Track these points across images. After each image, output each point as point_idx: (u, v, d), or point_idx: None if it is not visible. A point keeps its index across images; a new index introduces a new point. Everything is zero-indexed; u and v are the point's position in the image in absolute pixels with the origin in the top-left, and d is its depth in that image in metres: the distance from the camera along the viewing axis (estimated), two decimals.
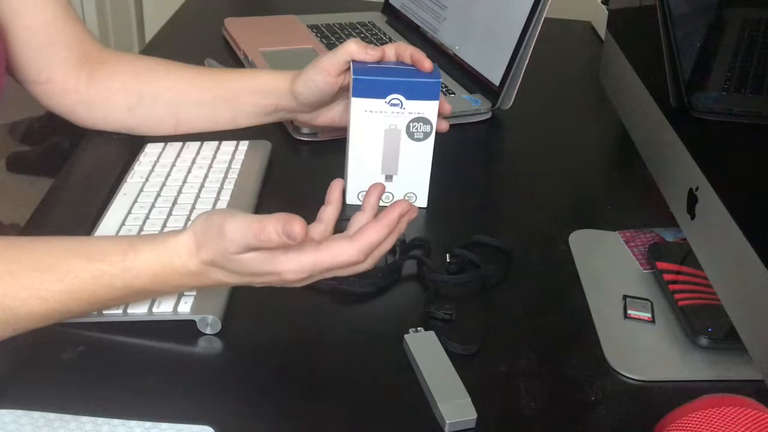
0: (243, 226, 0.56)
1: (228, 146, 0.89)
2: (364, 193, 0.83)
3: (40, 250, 0.59)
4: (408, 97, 0.78)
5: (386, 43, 1.19)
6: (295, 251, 0.58)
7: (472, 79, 1.07)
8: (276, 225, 0.54)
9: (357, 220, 0.63)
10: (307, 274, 0.59)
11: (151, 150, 0.87)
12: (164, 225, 0.75)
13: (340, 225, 0.83)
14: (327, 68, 0.81)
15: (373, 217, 0.63)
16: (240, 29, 1.20)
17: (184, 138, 0.89)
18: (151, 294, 0.63)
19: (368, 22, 1.27)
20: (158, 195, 0.80)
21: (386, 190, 0.83)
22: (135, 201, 0.78)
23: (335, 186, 0.66)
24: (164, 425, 0.57)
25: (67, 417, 0.57)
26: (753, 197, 0.58)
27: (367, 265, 0.61)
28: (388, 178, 0.83)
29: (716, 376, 0.66)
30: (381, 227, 0.60)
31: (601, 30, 1.27)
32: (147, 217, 0.76)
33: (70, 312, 0.59)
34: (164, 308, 0.65)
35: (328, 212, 0.64)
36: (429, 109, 0.79)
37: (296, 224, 0.54)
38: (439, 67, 0.80)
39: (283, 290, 0.71)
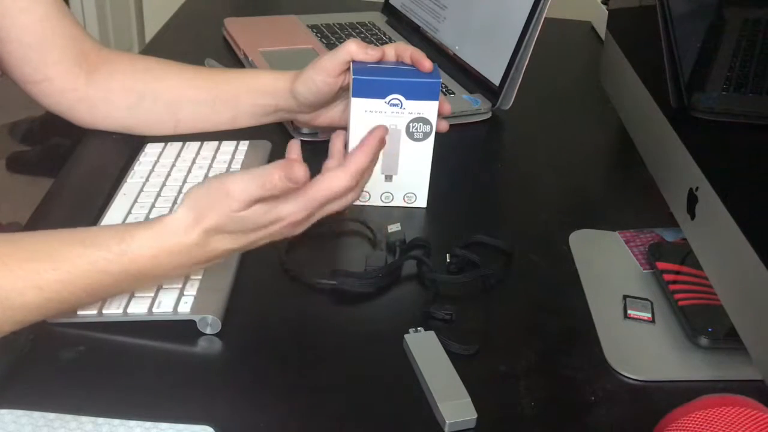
0: (247, 182, 0.58)
1: (228, 146, 0.89)
2: (364, 193, 0.84)
3: (35, 241, 0.59)
4: (408, 97, 0.78)
5: (386, 43, 1.19)
6: (292, 193, 0.60)
7: (472, 79, 1.07)
8: (279, 172, 0.57)
9: (328, 166, 0.66)
10: (308, 211, 0.61)
11: (151, 150, 0.87)
12: None
13: (341, 225, 0.83)
14: (327, 68, 0.81)
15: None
16: (240, 29, 1.20)
17: (184, 138, 0.89)
18: (149, 279, 0.62)
19: (368, 22, 1.27)
20: (158, 195, 0.80)
21: (386, 190, 0.83)
22: (135, 201, 0.78)
23: (292, 146, 0.67)
24: (164, 425, 0.57)
25: (67, 417, 0.57)
26: (753, 197, 0.58)
27: (356, 193, 0.65)
28: (388, 178, 0.83)
29: (716, 376, 0.66)
30: (366, 150, 0.64)
31: (601, 30, 1.27)
32: (147, 217, 0.76)
33: (67, 302, 0.59)
34: (164, 308, 0.65)
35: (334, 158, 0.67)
36: (429, 109, 0.79)
37: (297, 166, 0.58)
38: (439, 67, 0.80)
39: (283, 289, 0.72)
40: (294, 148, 0.66)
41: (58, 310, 0.60)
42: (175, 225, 0.59)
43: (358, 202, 0.84)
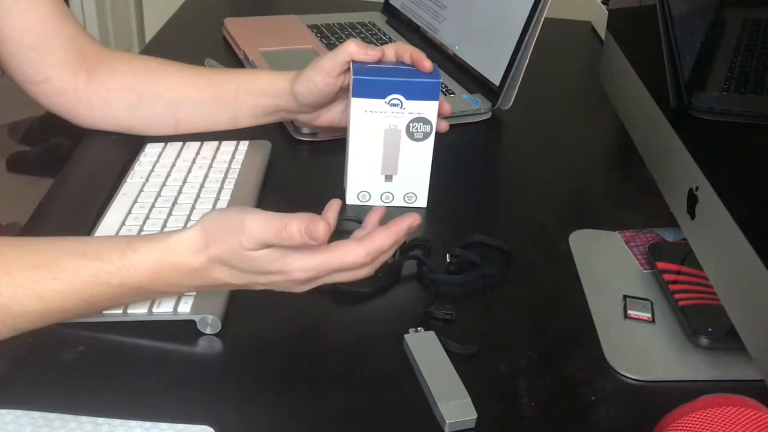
0: (264, 223, 0.56)
1: (228, 146, 0.89)
2: (364, 193, 0.84)
3: (37, 249, 0.59)
4: (408, 97, 0.78)
5: (386, 43, 1.19)
6: (306, 251, 0.58)
7: (472, 79, 1.07)
8: (300, 224, 0.56)
9: (356, 237, 0.64)
10: (315, 273, 0.60)
11: (151, 150, 0.87)
12: (164, 225, 0.75)
13: (341, 225, 0.83)
14: (327, 69, 0.81)
15: None
16: (240, 29, 1.20)
17: (184, 138, 0.89)
18: (150, 294, 0.63)
19: (368, 22, 1.27)
20: (158, 195, 0.80)
21: (386, 190, 0.83)
22: (135, 201, 0.78)
23: (332, 206, 0.65)
24: (164, 425, 0.57)
25: (67, 417, 0.57)
26: (753, 197, 0.58)
27: (369, 270, 0.62)
28: (388, 178, 0.83)
29: (716, 376, 0.66)
30: (389, 234, 0.61)
31: (601, 30, 1.27)
32: (147, 217, 0.76)
33: (67, 311, 0.59)
34: (164, 308, 0.65)
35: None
36: (429, 109, 0.79)
37: (321, 224, 0.55)
38: (439, 67, 0.80)
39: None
40: (333, 207, 0.64)
41: (58, 319, 0.60)
42: (182, 245, 0.59)
43: (358, 202, 0.84)
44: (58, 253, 0.59)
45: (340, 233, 0.81)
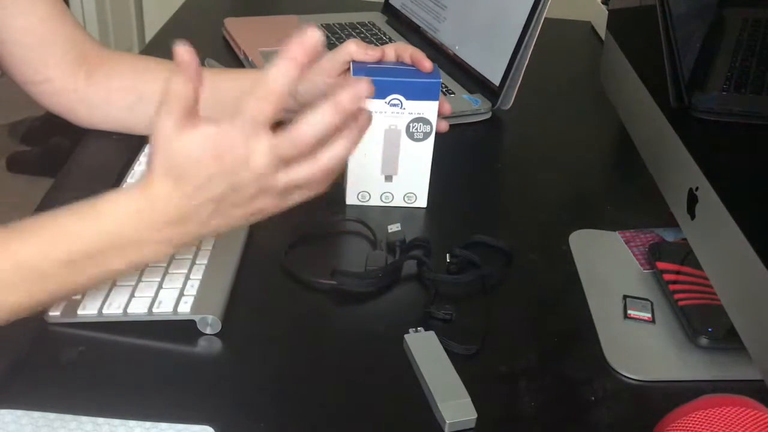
0: (160, 106, 0.55)
1: None
2: (364, 193, 0.84)
3: (8, 229, 0.57)
4: (408, 98, 0.78)
5: (386, 43, 1.19)
6: (232, 117, 0.55)
7: (472, 79, 1.07)
8: (171, 74, 0.54)
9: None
10: (245, 130, 0.56)
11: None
12: None
13: (341, 225, 0.83)
14: (326, 69, 0.81)
15: None
16: (240, 29, 1.20)
17: None
18: (132, 245, 0.57)
19: (368, 22, 1.27)
20: None
21: (386, 190, 0.83)
22: None
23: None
24: (164, 425, 0.57)
25: (67, 417, 0.57)
26: (753, 197, 0.58)
27: (322, 177, 0.59)
28: (388, 178, 0.83)
29: (716, 376, 0.66)
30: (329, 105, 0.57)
31: (601, 30, 1.27)
32: None
33: (47, 276, 0.56)
34: (164, 308, 0.65)
35: None
36: (429, 109, 0.79)
37: (176, 49, 0.53)
38: (439, 67, 0.80)
39: (283, 289, 0.71)
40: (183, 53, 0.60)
41: (42, 288, 0.57)
42: (140, 182, 0.57)
43: (358, 202, 0.84)
44: (31, 223, 0.57)
45: (340, 234, 0.81)
